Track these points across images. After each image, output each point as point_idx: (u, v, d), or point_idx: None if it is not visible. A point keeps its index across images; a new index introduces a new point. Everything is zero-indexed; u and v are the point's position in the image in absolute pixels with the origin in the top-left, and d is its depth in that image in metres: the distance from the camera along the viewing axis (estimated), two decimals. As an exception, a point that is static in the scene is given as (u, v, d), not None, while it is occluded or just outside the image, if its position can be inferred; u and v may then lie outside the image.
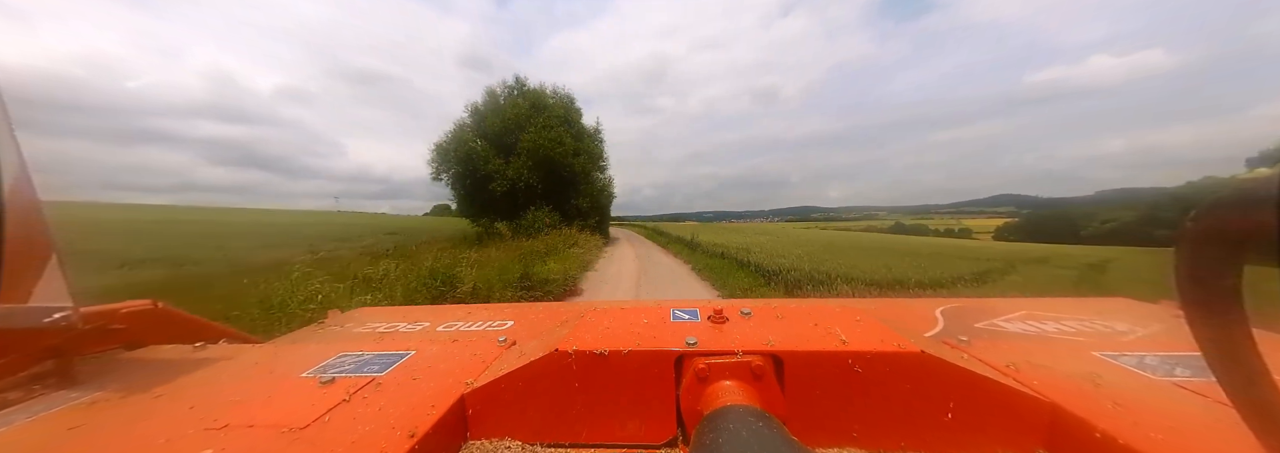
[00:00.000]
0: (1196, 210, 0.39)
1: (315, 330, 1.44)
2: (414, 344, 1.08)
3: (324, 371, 0.92)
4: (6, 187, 0.78)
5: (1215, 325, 0.41)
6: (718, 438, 0.52)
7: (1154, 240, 59.85)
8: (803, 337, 0.77)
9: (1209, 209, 0.38)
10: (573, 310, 1.45)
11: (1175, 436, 0.59)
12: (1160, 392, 0.72)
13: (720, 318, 0.87)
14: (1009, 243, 55.27)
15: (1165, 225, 79.30)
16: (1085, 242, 69.99)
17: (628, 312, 0.98)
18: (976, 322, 1.16)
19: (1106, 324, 1.10)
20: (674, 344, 0.76)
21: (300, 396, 0.81)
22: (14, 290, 0.83)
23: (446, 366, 0.93)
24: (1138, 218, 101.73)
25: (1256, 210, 0.35)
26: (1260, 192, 0.34)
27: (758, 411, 0.59)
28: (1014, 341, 1.00)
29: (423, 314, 1.53)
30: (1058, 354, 0.88)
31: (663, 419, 0.74)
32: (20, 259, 0.82)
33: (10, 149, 0.80)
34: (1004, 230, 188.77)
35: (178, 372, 0.97)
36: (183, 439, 0.68)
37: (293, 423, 0.71)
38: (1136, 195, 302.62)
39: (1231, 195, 0.37)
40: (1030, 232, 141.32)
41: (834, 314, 0.90)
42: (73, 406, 0.83)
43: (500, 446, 0.76)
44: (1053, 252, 26.30)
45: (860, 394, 0.71)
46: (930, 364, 0.70)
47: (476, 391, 0.79)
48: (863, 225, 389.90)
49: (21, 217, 0.81)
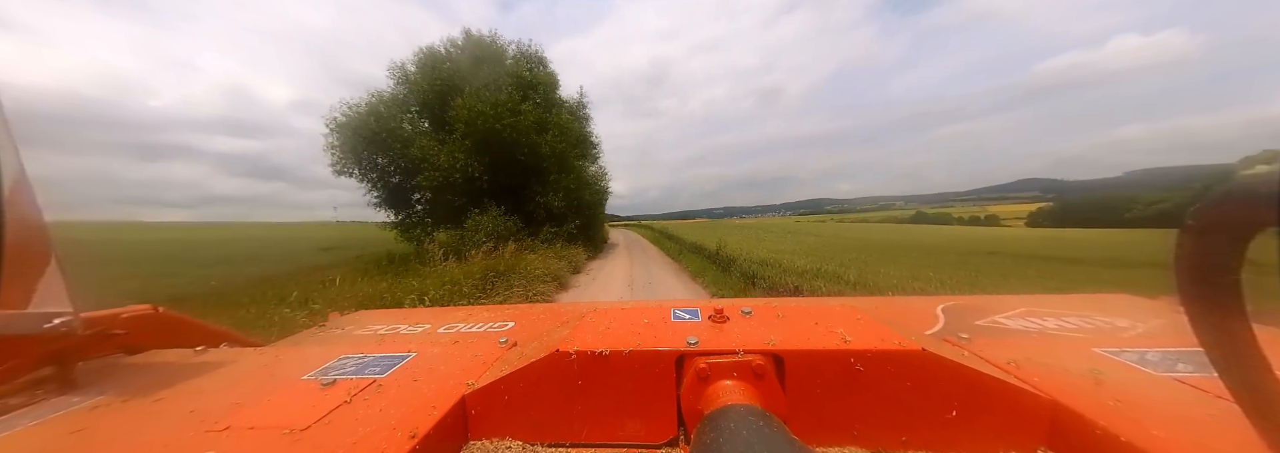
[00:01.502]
0: (1197, 206, 0.39)
1: (316, 333, 1.44)
2: (415, 346, 1.08)
3: (325, 373, 0.92)
4: (7, 192, 0.78)
5: (1216, 321, 0.41)
6: (718, 438, 0.52)
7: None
8: (803, 336, 0.77)
9: (1210, 204, 0.38)
10: (573, 311, 1.45)
11: (1177, 432, 0.58)
12: (1162, 388, 0.72)
13: (721, 317, 0.87)
14: (1047, 229, 52.21)
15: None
16: (1131, 225, 67.32)
17: (628, 312, 0.98)
18: (977, 319, 1.16)
19: (1107, 320, 1.10)
20: (675, 344, 0.76)
21: (301, 398, 0.81)
22: (14, 296, 0.83)
23: (447, 367, 0.93)
24: (1190, 198, 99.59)
25: (1258, 206, 0.35)
26: (1261, 187, 0.34)
27: (759, 410, 0.59)
28: (1015, 338, 1.00)
29: (423, 316, 1.53)
30: (1059, 351, 0.88)
31: (663, 419, 0.74)
32: (20, 265, 0.82)
33: (10, 154, 0.80)
34: (1038, 216, 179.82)
35: (179, 376, 0.97)
36: (184, 442, 0.68)
37: (294, 425, 0.71)
38: (1169, 175, 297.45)
39: (1232, 191, 0.37)
40: (1067, 217, 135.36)
41: (835, 313, 0.90)
42: (74, 410, 0.83)
43: (501, 446, 0.76)
44: (1110, 239, 23.79)
45: (861, 393, 0.71)
46: (931, 362, 0.70)
47: (477, 391, 0.79)
48: (880, 216, 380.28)
49: (21, 222, 0.81)
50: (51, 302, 0.86)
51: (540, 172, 18.85)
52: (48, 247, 0.87)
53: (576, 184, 19.60)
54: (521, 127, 17.21)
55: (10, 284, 0.80)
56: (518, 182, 18.58)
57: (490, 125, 16.53)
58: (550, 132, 18.65)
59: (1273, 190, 0.33)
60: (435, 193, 17.52)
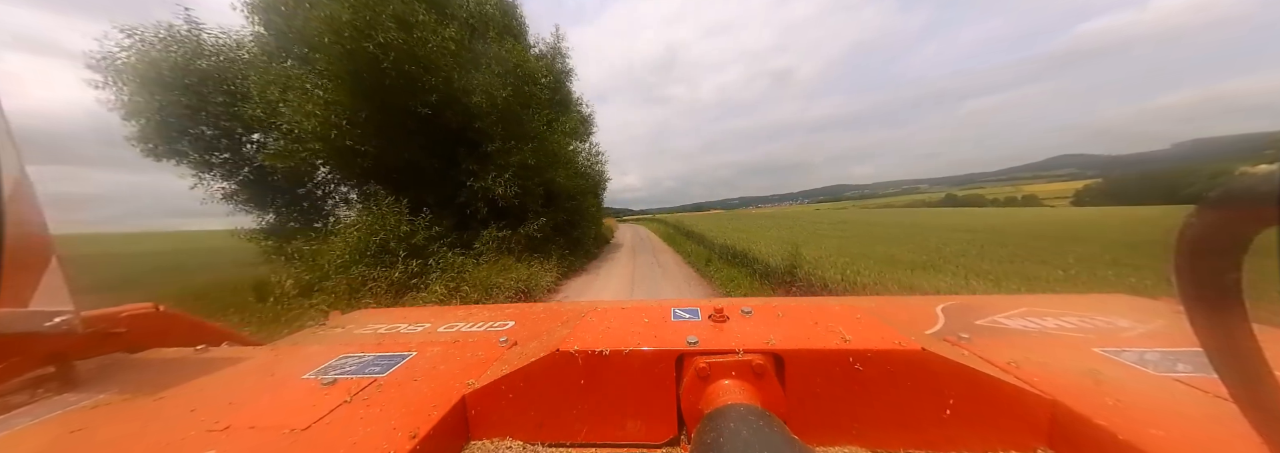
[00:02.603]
0: (1197, 205, 0.39)
1: (316, 332, 1.44)
2: (415, 345, 1.08)
3: (325, 372, 0.92)
4: (7, 190, 0.78)
5: (1216, 321, 0.41)
6: (718, 437, 0.52)
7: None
8: (804, 335, 0.77)
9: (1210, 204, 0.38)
10: (573, 310, 1.45)
11: (1176, 432, 0.59)
12: (1161, 388, 0.72)
13: (721, 317, 0.87)
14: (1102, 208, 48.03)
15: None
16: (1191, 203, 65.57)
17: (628, 311, 0.98)
18: (977, 319, 1.16)
19: (1107, 320, 1.10)
20: (675, 343, 0.76)
21: (302, 397, 0.81)
22: (14, 295, 0.83)
23: (448, 366, 0.93)
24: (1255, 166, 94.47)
25: (1258, 205, 0.35)
26: (1262, 186, 0.34)
27: (759, 409, 0.59)
28: (1015, 337, 1.00)
29: (424, 315, 1.53)
30: (1058, 351, 0.88)
31: (664, 419, 0.74)
32: (21, 263, 0.82)
33: (10, 152, 0.80)
34: (1085, 195, 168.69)
35: (179, 374, 0.97)
36: (185, 441, 0.69)
37: (295, 424, 0.71)
38: (1222, 144, 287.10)
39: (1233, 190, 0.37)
40: (1117, 194, 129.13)
41: (835, 312, 0.90)
42: (75, 409, 0.83)
43: (502, 446, 0.76)
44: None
45: (861, 392, 0.71)
46: (931, 362, 0.70)
47: (478, 391, 0.79)
48: (905, 201, 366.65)
49: (21, 220, 0.81)
50: (52, 300, 0.86)
51: (479, 145, 11.24)
52: (48, 246, 0.87)
53: (543, 160, 12.15)
54: (430, 56, 9.59)
55: (11, 283, 0.80)
56: (438, 156, 11.03)
57: (365, 46, 8.85)
58: (484, 68, 10.85)
59: (1273, 190, 0.33)
60: (288, 177, 10.35)
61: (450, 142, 11.37)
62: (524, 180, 11.83)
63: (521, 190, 11.68)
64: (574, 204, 15.59)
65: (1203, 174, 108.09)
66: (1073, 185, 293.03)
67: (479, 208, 11.35)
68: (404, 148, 10.64)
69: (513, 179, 11.42)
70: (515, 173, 11.48)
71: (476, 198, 11.28)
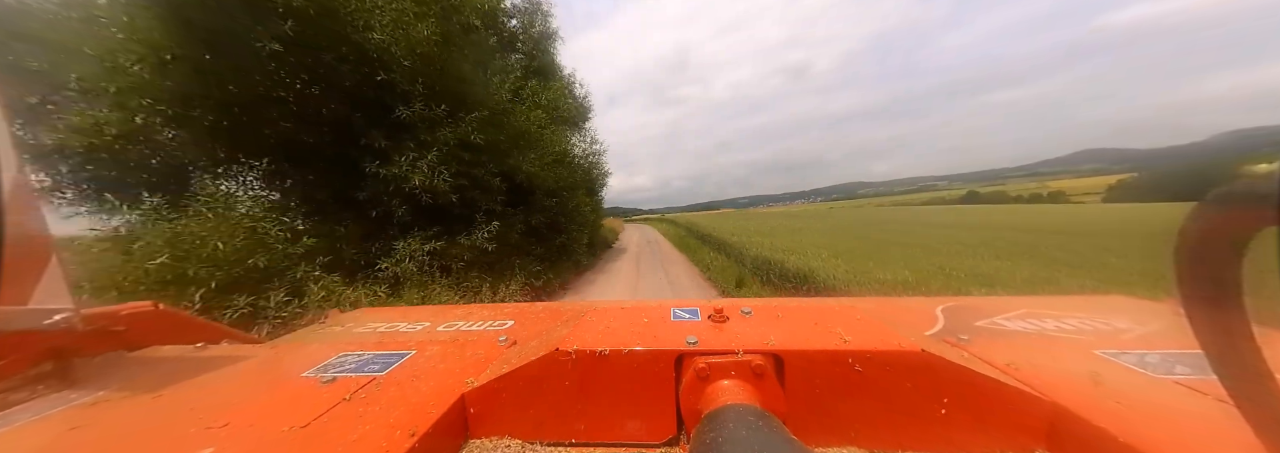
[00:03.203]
0: (1197, 207, 0.39)
1: (316, 330, 1.44)
2: (414, 344, 1.08)
3: (325, 370, 0.92)
4: (6, 188, 0.78)
5: (1216, 323, 0.40)
6: (718, 437, 0.52)
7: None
8: (803, 336, 0.77)
9: (1210, 205, 0.38)
10: (573, 310, 1.45)
11: (1176, 434, 0.58)
12: (1161, 390, 0.72)
13: (721, 317, 0.87)
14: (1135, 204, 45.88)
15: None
16: None
17: (628, 311, 0.98)
18: (977, 320, 1.16)
19: (1107, 322, 1.10)
20: (674, 343, 0.76)
21: (301, 395, 0.81)
22: (14, 292, 0.83)
23: (447, 365, 0.93)
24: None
25: (1258, 207, 0.35)
26: (1261, 188, 0.34)
27: (758, 410, 0.59)
28: (1014, 339, 1.00)
29: (423, 314, 1.53)
30: (1058, 353, 0.88)
31: (663, 418, 0.74)
32: (20, 261, 0.83)
33: (10, 150, 0.80)
34: (1119, 190, 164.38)
35: (179, 372, 0.97)
36: (184, 438, 0.69)
37: (294, 422, 0.71)
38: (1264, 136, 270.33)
39: (1232, 191, 0.37)
40: (1153, 189, 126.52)
41: (834, 313, 0.90)
42: (74, 406, 0.83)
43: (501, 444, 0.76)
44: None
45: (861, 393, 0.71)
46: (931, 363, 0.70)
47: (477, 390, 0.79)
48: (923, 198, 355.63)
49: (21, 218, 0.81)
50: (52, 298, 0.86)
51: (382, 104, 7.36)
52: (48, 244, 0.87)
53: (503, 139, 8.84)
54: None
55: (10, 280, 0.80)
56: (323, 126, 7.05)
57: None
58: (456, 28, 8.04)
59: (1273, 191, 0.33)
60: (96, 162, 5.68)
61: (343, 103, 6.97)
62: (470, 167, 7.91)
63: (468, 182, 7.85)
64: (556, 203, 11.45)
65: (1246, 166, 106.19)
66: (1104, 180, 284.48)
67: (392, 207, 7.32)
68: (262, 111, 6.37)
69: (446, 164, 7.40)
70: (451, 154, 7.51)
71: (387, 191, 7.24)
